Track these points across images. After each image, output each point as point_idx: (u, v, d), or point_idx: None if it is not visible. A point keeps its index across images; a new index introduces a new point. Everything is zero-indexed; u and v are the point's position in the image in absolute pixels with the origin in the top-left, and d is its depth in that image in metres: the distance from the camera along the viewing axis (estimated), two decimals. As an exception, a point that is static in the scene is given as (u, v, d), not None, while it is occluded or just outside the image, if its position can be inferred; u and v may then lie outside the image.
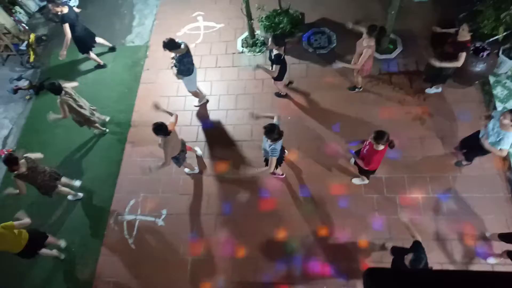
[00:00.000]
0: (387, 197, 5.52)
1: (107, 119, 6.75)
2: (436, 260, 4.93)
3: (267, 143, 4.70)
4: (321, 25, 7.40)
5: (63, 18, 6.31)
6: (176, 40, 5.47)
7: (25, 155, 5.04)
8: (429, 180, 5.57)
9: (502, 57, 6.00)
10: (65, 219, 5.95)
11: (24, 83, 7.50)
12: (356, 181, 5.67)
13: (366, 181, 5.59)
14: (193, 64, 5.90)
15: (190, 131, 6.50)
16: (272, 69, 5.75)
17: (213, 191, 5.92)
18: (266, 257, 5.29)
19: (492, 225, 5.13)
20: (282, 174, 5.83)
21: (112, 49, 7.73)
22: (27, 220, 4.82)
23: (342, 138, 6.07)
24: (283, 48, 5.45)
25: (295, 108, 6.50)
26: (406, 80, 6.51)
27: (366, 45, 5.31)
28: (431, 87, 6.22)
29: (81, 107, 5.83)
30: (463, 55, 5.15)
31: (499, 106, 5.94)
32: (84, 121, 6.10)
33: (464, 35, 5.10)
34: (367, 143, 4.62)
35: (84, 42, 6.87)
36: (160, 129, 4.70)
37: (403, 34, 6.92)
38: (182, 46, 5.54)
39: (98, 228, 5.81)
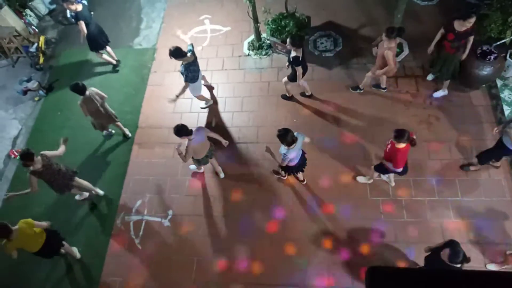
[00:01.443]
0: (393, 199, 5.51)
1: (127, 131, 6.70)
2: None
3: (283, 148, 4.64)
4: (327, 28, 7.42)
5: (77, 16, 6.40)
6: (184, 48, 5.41)
7: (42, 152, 5.05)
8: (435, 183, 5.55)
9: (509, 60, 5.97)
10: (72, 218, 6.01)
11: (33, 85, 7.60)
12: (361, 179, 5.66)
13: (371, 180, 5.59)
14: (198, 71, 5.93)
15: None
16: (287, 68, 5.92)
17: (218, 192, 5.95)
18: (271, 259, 5.30)
19: (499, 230, 5.09)
20: (284, 176, 5.84)
21: (115, 66, 7.59)
22: (44, 223, 4.93)
23: (347, 140, 6.08)
24: (301, 49, 5.45)
25: (301, 110, 6.53)
26: (412, 83, 6.50)
27: (386, 47, 5.30)
28: (443, 89, 6.20)
29: (100, 112, 5.91)
30: (471, 38, 5.35)
31: (507, 110, 5.89)
32: (103, 124, 6.26)
33: (462, 24, 5.18)
34: (389, 142, 4.63)
35: (96, 40, 6.94)
36: (182, 130, 4.72)
37: (409, 37, 6.91)
38: (189, 54, 5.50)
39: (105, 228, 5.87)
